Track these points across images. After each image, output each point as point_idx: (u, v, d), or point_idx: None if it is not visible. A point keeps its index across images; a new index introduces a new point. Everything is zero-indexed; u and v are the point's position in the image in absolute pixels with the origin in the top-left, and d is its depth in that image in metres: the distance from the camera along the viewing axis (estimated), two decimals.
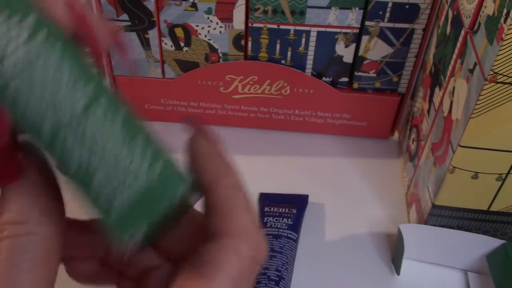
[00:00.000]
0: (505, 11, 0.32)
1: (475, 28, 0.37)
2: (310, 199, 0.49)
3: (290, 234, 0.45)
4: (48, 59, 0.18)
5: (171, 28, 0.50)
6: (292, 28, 0.49)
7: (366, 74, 0.51)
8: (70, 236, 0.23)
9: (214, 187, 0.22)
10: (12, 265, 0.20)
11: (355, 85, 0.52)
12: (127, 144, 0.19)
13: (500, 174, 0.39)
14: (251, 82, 0.53)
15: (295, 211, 0.47)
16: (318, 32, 0.49)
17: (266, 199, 0.49)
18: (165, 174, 0.20)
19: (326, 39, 0.49)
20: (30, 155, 0.21)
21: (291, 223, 0.46)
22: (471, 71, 0.36)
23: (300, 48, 0.50)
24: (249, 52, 0.51)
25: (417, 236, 0.43)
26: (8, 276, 0.19)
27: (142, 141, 0.20)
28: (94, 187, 0.19)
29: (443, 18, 0.45)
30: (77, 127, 0.19)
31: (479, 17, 0.36)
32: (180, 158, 0.21)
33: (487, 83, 0.34)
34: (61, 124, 0.19)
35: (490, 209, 0.41)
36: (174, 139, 0.21)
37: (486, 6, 0.35)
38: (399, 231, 0.43)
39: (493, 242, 0.42)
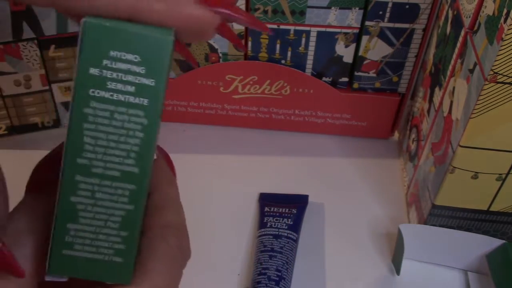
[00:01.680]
0: (505, 11, 0.32)
1: (475, 28, 0.37)
2: (310, 199, 0.49)
3: (290, 234, 0.45)
4: None
5: None
6: (292, 28, 0.49)
7: (366, 74, 0.51)
8: None
9: (159, 189, 0.25)
10: None
11: (355, 85, 0.52)
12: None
13: (500, 174, 0.38)
14: (251, 82, 0.53)
15: (295, 211, 0.47)
16: (318, 32, 0.49)
17: (266, 199, 0.49)
18: (123, 264, 0.23)
19: (326, 39, 0.49)
20: None
21: (291, 223, 0.46)
22: (471, 71, 0.36)
23: (300, 48, 0.50)
24: (249, 52, 0.51)
25: (417, 236, 0.43)
26: None
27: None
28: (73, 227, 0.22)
29: (443, 18, 0.45)
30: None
31: (479, 17, 0.36)
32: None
33: (487, 83, 0.34)
34: None
35: (490, 209, 0.41)
36: (174, 139, 0.21)
37: (486, 6, 0.35)
38: (399, 231, 0.43)
39: (493, 242, 0.42)
